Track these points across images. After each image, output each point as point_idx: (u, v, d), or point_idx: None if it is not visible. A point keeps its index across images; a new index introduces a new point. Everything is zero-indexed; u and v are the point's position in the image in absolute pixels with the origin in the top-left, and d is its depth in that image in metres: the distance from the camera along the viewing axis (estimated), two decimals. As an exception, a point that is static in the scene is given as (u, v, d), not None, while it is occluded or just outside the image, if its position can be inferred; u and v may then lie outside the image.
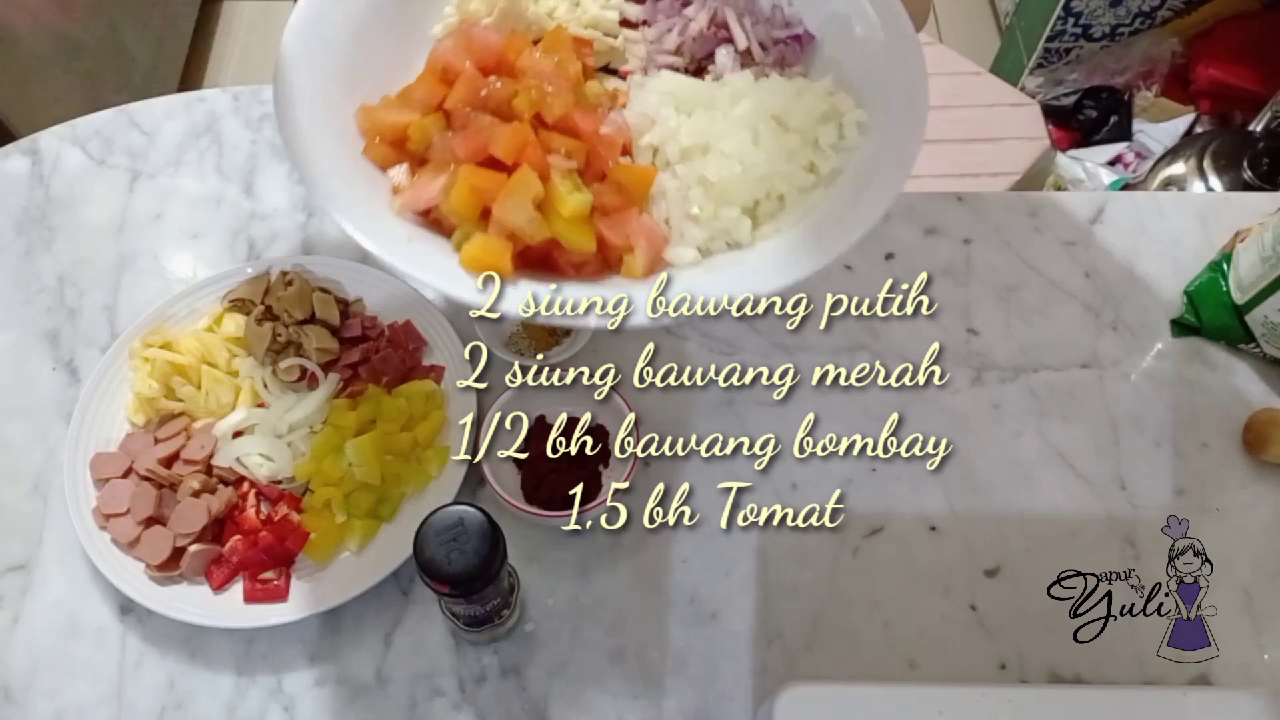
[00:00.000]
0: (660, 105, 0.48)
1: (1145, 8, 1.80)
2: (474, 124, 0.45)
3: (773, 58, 0.51)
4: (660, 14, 0.52)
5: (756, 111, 0.48)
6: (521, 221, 0.43)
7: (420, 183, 0.45)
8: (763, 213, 0.48)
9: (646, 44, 0.51)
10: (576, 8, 0.51)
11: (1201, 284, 0.82)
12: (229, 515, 0.71)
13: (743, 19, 0.50)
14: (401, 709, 0.67)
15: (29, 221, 0.87)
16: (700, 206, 0.47)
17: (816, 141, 0.48)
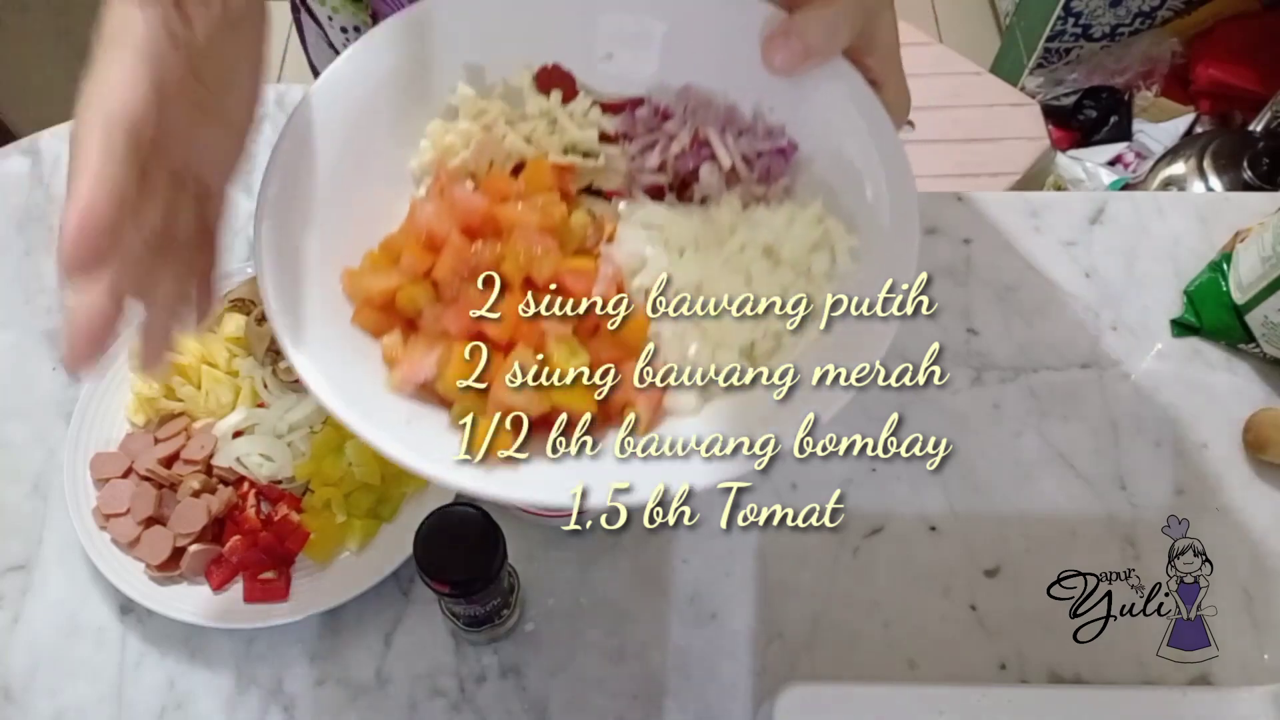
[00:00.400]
0: (649, 242, 0.47)
1: (1145, 8, 1.81)
2: (464, 297, 0.44)
3: (757, 172, 0.49)
4: (640, 125, 0.50)
5: (748, 246, 0.47)
6: (520, 401, 0.42)
7: (414, 357, 0.44)
8: (760, 352, 0.47)
9: (628, 160, 0.50)
10: (554, 129, 0.50)
11: (1201, 284, 0.82)
12: (229, 515, 0.71)
13: (724, 134, 0.48)
14: (401, 709, 0.67)
15: (29, 221, 0.87)
16: (697, 351, 0.46)
17: (809, 271, 0.47)
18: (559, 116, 0.49)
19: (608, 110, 0.50)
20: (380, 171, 0.48)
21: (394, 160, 0.49)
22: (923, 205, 0.91)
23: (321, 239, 0.45)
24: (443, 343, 0.44)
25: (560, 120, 0.49)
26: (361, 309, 0.45)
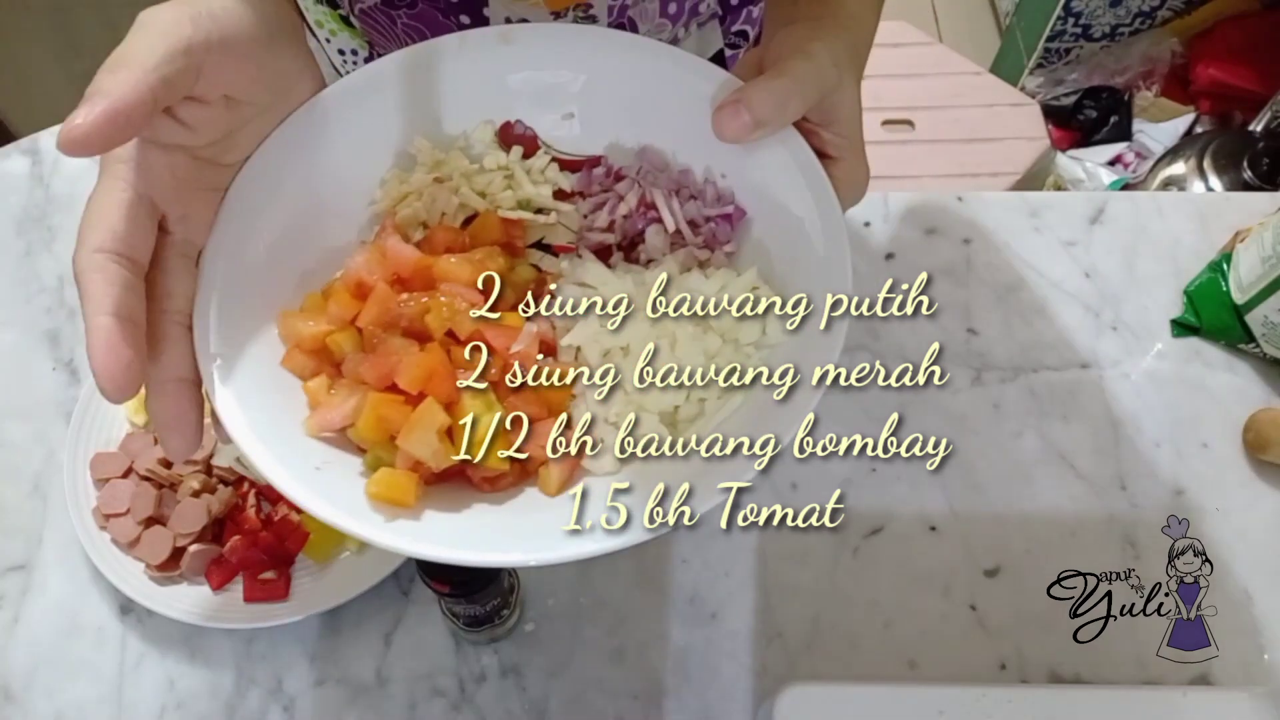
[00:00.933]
0: (583, 300, 0.47)
1: (1145, 8, 1.81)
2: (383, 348, 0.44)
3: (703, 237, 0.49)
4: (595, 184, 0.51)
5: (677, 311, 0.46)
6: (427, 454, 0.42)
7: (333, 402, 0.44)
8: (683, 418, 0.47)
9: (579, 217, 0.50)
10: (509, 183, 0.50)
11: (1201, 284, 0.82)
12: (229, 515, 0.71)
13: (671, 199, 0.49)
14: (401, 709, 0.67)
15: (29, 221, 0.87)
16: (619, 413, 0.46)
17: (738, 340, 0.47)
18: (516, 171, 0.50)
19: (565, 168, 0.51)
20: (341, 216, 0.49)
21: (349, 209, 0.49)
22: (923, 205, 0.92)
23: (276, 280, 0.46)
24: (360, 391, 0.44)
25: (516, 175, 0.50)
26: (291, 352, 0.45)
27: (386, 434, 0.43)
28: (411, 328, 0.45)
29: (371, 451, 0.44)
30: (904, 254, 0.85)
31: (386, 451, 0.43)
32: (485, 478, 0.45)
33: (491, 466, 0.44)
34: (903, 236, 0.86)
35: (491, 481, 0.45)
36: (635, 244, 0.50)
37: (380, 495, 0.42)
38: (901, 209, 0.88)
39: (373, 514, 0.41)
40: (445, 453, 0.43)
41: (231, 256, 0.44)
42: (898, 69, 1.54)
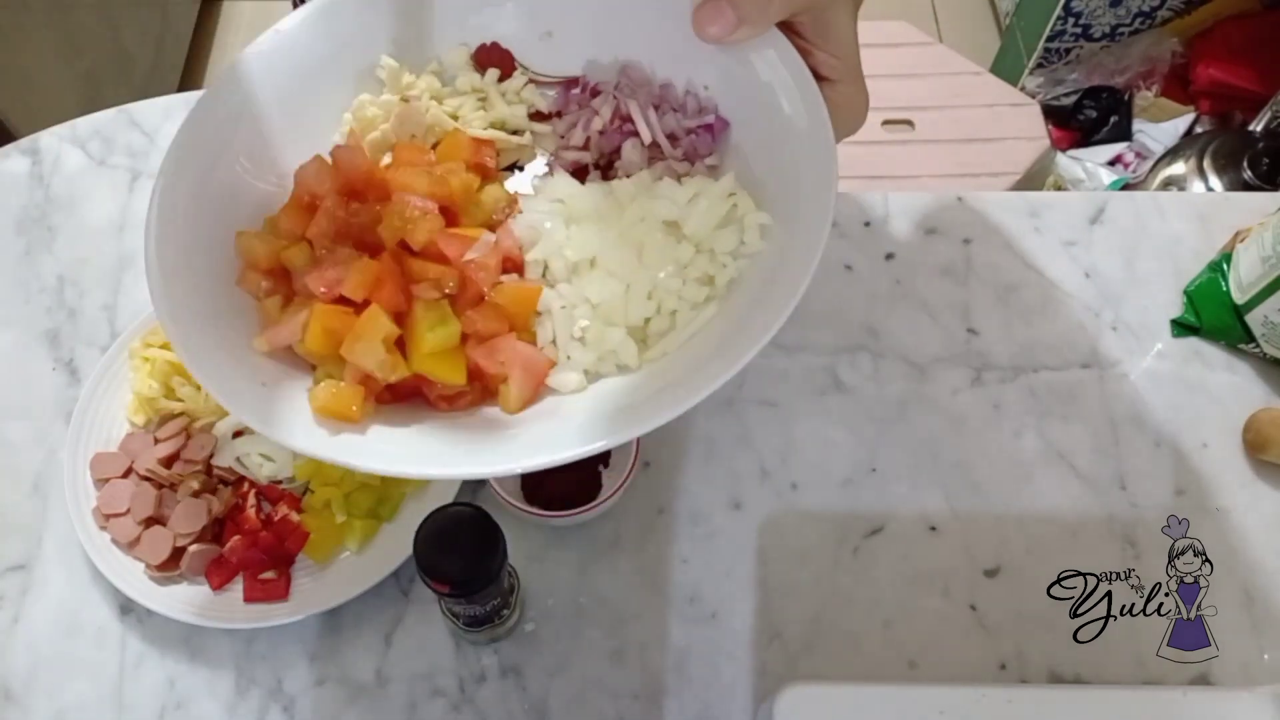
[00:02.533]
0: (548, 216, 0.45)
1: (1145, 8, 1.81)
2: (331, 258, 0.42)
3: (682, 149, 0.48)
4: (573, 104, 0.49)
5: (646, 220, 0.45)
6: (372, 365, 0.40)
7: (283, 319, 0.42)
8: (653, 331, 0.44)
9: (556, 137, 0.49)
10: (482, 105, 0.48)
11: (1201, 284, 0.82)
12: (229, 515, 0.71)
13: (648, 111, 0.47)
14: (401, 709, 0.67)
15: (29, 221, 0.87)
16: (585, 327, 0.43)
17: (714, 250, 0.45)
18: (490, 93, 0.49)
19: (544, 87, 0.50)
20: (305, 143, 0.47)
21: (320, 133, 0.48)
22: (923, 205, 0.91)
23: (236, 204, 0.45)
24: (309, 305, 0.42)
25: (490, 96, 0.49)
26: (245, 271, 0.44)
27: (334, 347, 0.41)
28: (363, 239, 0.43)
29: (321, 367, 0.42)
30: (904, 254, 0.85)
31: (335, 367, 0.41)
32: (443, 395, 0.42)
33: (449, 383, 0.41)
34: (903, 236, 0.86)
35: (449, 400, 0.43)
36: (612, 162, 0.49)
37: (324, 409, 0.40)
38: (901, 209, 0.88)
39: (316, 429, 0.40)
40: (392, 364, 0.41)
41: (194, 178, 0.43)
42: (898, 69, 1.54)
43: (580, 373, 0.43)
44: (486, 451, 0.40)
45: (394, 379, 0.41)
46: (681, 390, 0.39)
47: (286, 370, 0.43)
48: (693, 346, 0.43)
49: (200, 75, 2.11)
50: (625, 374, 0.44)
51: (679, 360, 0.43)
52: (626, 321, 0.44)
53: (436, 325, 0.41)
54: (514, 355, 0.42)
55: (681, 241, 0.45)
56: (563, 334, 0.44)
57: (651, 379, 0.43)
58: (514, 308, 0.43)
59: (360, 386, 0.41)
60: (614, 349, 0.43)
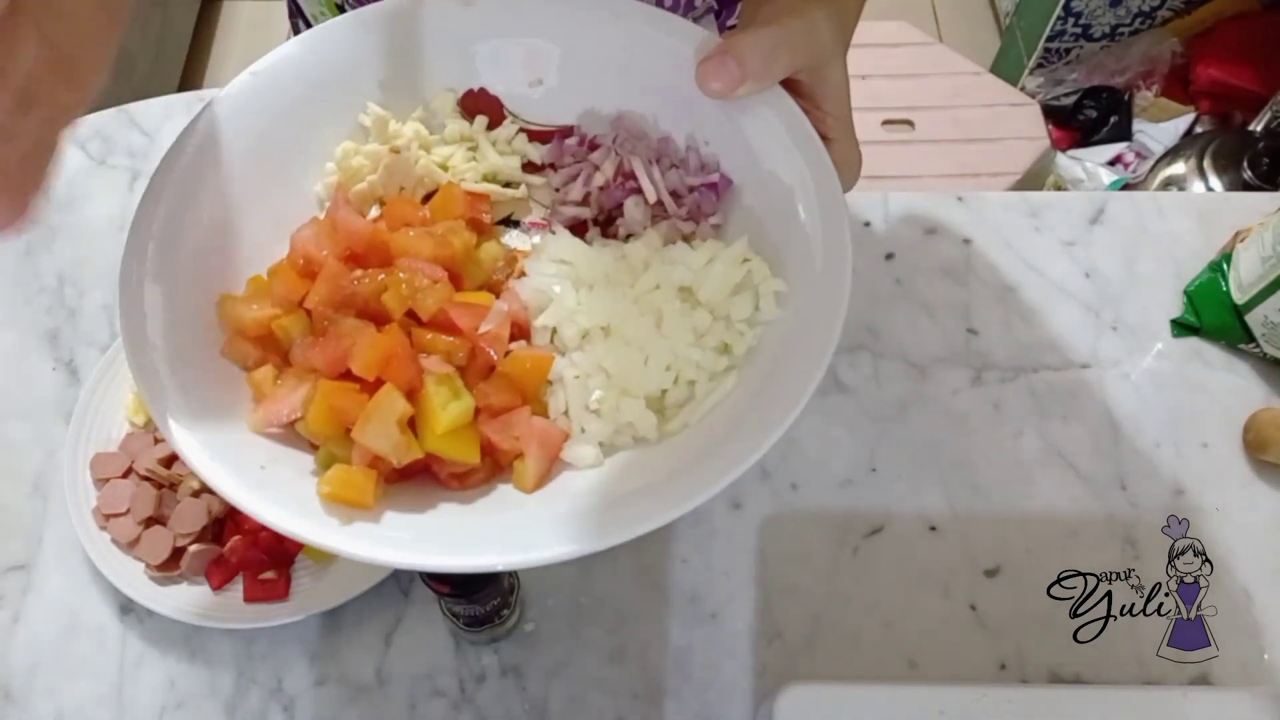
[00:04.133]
0: (555, 279, 0.43)
1: (1145, 8, 1.81)
2: (335, 330, 0.39)
3: (687, 208, 0.46)
4: (567, 155, 0.47)
5: (662, 286, 0.43)
6: (386, 448, 0.38)
7: (280, 394, 0.39)
8: (671, 402, 0.43)
9: (551, 191, 0.47)
10: (473, 155, 0.46)
11: (1201, 284, 0.82)
12: (229, 515, 0.71)
13: (652, 167, 0.46)
14: (401, 709, 0.67)
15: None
16: (601, 398, 0.41)
17: (729, 317, 0.43)
18: (480, 142, 0.46)
19: (535, 139, 0.47)
20: (284, 194, 0.45)
21: (299, 183, 0.46)
22: (923, 205, 0.91)
23: (217, 264, 0.42)
24: (310, 379, 0.39)
25: (481, 146, 0.46)
26: (232, 339, 0.41)
27: (340, 426, 0.38)
28: (367, 308, 0.40)
29: (324, 448, 0.40)
30: (904, 254, 0.85)
31: (340, 447, 0.39)
32: (453, 474, 0.40)
33: (460, 461, 0.39)
34: (903, 236, 0.86)
35: (460, 478, 0.40)
36: (613, 218, 0.47)
37: (335, 495, 0.37)
38: (901, 209, 0.88)
39: (327, 517, 0.37)
40: (407, 446, 0.38)
41: (166, 235, 0.40)
42: (898, 69, 1.54)
43: (596, 446, 0.41)
44: (507, 539, 0.38)
45: (407, 462, 0.39)
46: (706, 471, 0.37)
47: (281, 447, 0.40)
48: (713, 418, 0.41)
49: (200, 75, 2.11)
50: (643, 446, 0.42)
51: (700, 433, 0.41)
52: (645, 392, 0.42)
53: (450, 402, 0.39)
54: (529, 431, 0.40)
55: (697, 309, 0.43)
56: (576, 405, 0.41)
57: (672, 454, 0.41)
58: (525, 378, 0.41)
59: (373, 471, 0.38)
60: (632, 421, 0.41)
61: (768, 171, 0.44)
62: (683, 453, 0.40)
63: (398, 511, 0.39)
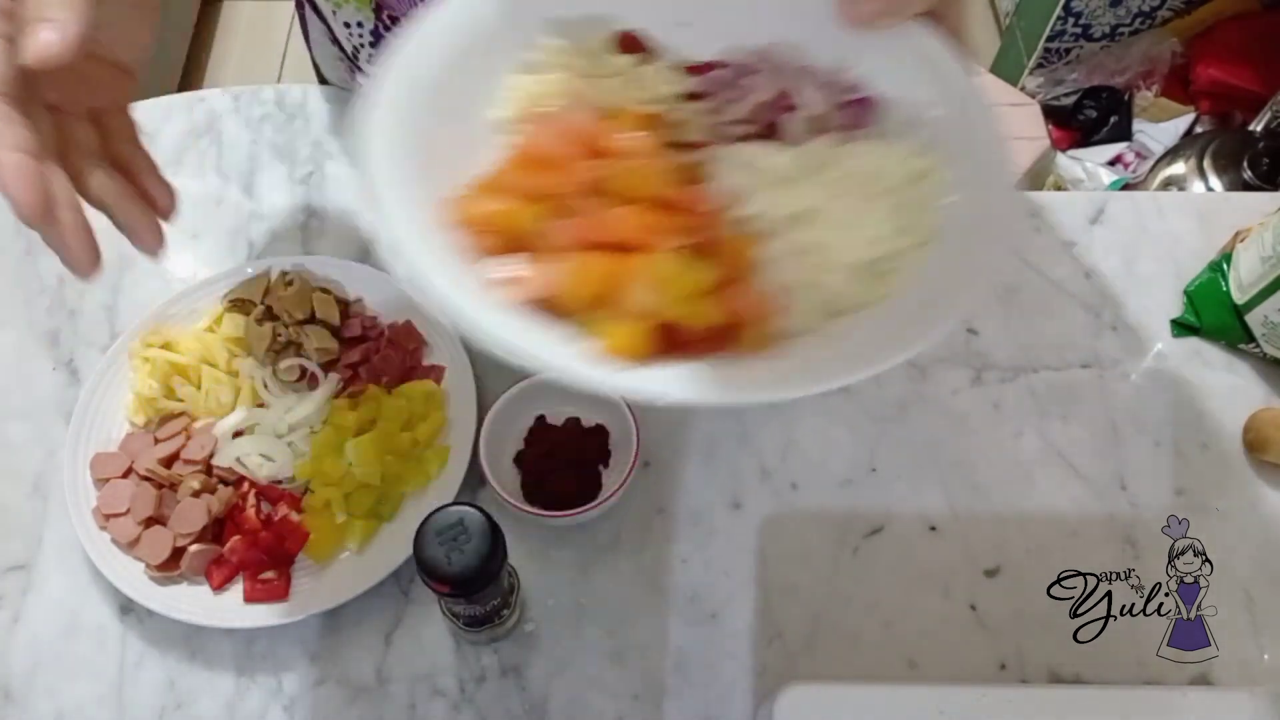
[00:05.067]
0: (749, 177, 0.47)
1: (1145, 8, 1.81)
2: (587, 209, 0.44)
3: (843, 121, 0.50)
4: (720, 85, 0.51)
5: (851, 175, 0.48)
6: (661, 309, 0.41)
7: (534, 271, 0.43)
8: (869, 273, 0.46)
9: (710, 114, 0.50)
10: (633, 83, 0.51)
11: (1201, 284, 0.82)
12: (229, 515, 0.71)
13: (813, 87, 0.50)
14: (401, 709, 0.67)
15: (29, 221, 0.87)
16: (810, 272, 0.45)
17: (910, 201, 0.47)
18: (641, 74, 0.50)
19: (687, 71, 0.51)
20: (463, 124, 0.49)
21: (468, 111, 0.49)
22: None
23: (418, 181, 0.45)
24: (564, 256, 0.43)
25: (640, 78, 0.50)
26: (477, 233, 0.44)
27: (606, 291, 0.42)
28: (609, 194, 0.44)
29: (581, 315, 0.43)
30: (904, 254, 0.85)
31: (602, 311, 0.42)
32: (694, 339, 0.43)
33: (705, 325, 0.43)
34: (903, 236, 0.86)
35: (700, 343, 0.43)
36: (771, 133, 0.50)
37: (621, 349, 0.41)
38: (901, 209, 0.88)
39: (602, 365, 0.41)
40: (677, 309, 0.42)
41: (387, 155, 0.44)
42: (898, 69, 1.54)
43: (812, 314, 0.45)
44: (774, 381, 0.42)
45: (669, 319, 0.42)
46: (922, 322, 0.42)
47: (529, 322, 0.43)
48: (915, 282, 0.45)
49: (200, 75, 2.11)
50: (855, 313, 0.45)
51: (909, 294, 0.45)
52: (847, 266, 0.46)
53: (695, 268, 0.42)
54: (754, 299, 0.44)
55: (883, 194, 0.47)
56: (790, 279, 0.45)
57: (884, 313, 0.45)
58: (744, 256, 0.45)
59: (647, 326, 0.41)
60: (839, 292, 0.45)
61: (912, 88, 0.49)
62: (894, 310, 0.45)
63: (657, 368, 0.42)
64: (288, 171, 0.90)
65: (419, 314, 0.78)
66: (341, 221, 0.86)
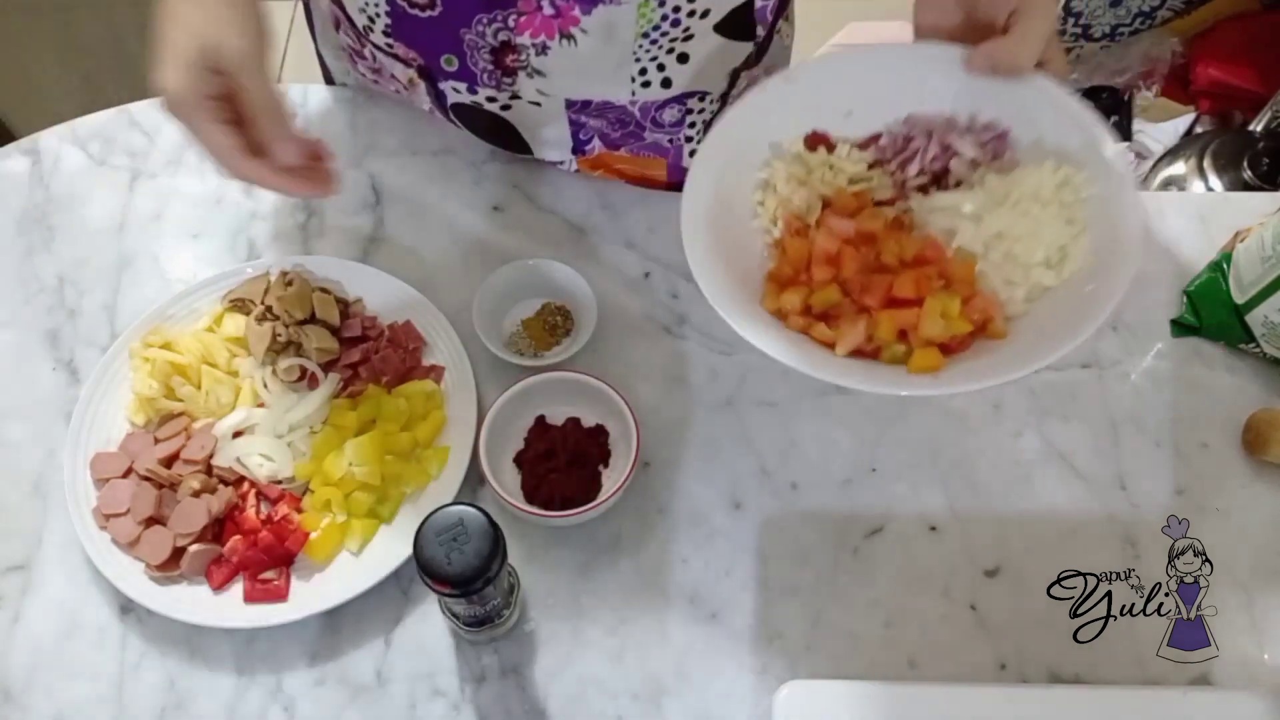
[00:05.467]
0: (952, 218, 0.64)
1: (1145, 8, 1.80)
2: (874, 281, 0.62)
3: (989, 154, 0.66)
4: (889, 152, 0.68)
5: (1019, 198, 0.64)
6: (942, 333, 0.60)
7: (847, 332, 0.61)
8: (1054, 262, 0.63)
9: (890, 175, 0.68)
10: (832, 170, 0.68)
11: (1201, 284, 0.82)
12: (229, 515, 0.71)
13: (964, 136, 0.66)
14: (401, 709, 0.67)
15: (29, 221, 0.87)
16: (1014, 274, 0.63)
17: (1065, 203, 0.63)
18: (834, 162, 0.68)
19: (859, 147, 0.69)
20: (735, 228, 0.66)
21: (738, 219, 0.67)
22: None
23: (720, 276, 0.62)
24: (865, 317, 0.61)
25: (836, 164, 0.68)
26: (790, 317, 0.63)
27: (899, 330, 0.60)
28: (880, 267, 0.63)
29: (889, 348, 0.61)
30: (904, 254, 0.85)
31: (900, 345, 0.61)
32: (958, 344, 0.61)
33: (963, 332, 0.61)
34: (903, 236, 0.86)
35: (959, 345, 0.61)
36: (939, 179, 0.67)
37: (924, 366, 0.59)
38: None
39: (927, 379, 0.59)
40: (949, 330, 0.60)
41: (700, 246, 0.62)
42: (898, 69, 1.54)
43: (1022, 301, 0.63)
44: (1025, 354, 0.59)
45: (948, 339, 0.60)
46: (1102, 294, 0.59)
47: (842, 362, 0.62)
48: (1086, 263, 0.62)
49: (200, 75, 2.11)
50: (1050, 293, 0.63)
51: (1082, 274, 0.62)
52: (1041, 260, 0.62)
53: (950, 299, 0.61)
54: (986, 304, 0.62)
55: (1046, 205, 0.63)
56: (999, 284, 0.63)
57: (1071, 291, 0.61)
58: (969, 278, 0.63)
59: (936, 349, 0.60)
60: (1038, 280, 0.62)
61: (1036, 119, 0.65)
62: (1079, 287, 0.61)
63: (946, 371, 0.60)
64: (288, 171, 0.90)
65: (419, 314, 0.78)
66: (341, 221, 0.86)
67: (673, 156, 0.85)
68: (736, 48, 0.77)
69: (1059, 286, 0.62)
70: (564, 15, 0.70)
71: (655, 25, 0.71)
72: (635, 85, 0.76)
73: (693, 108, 0.80)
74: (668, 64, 0.75)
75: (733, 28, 0.75)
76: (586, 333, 0.78)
